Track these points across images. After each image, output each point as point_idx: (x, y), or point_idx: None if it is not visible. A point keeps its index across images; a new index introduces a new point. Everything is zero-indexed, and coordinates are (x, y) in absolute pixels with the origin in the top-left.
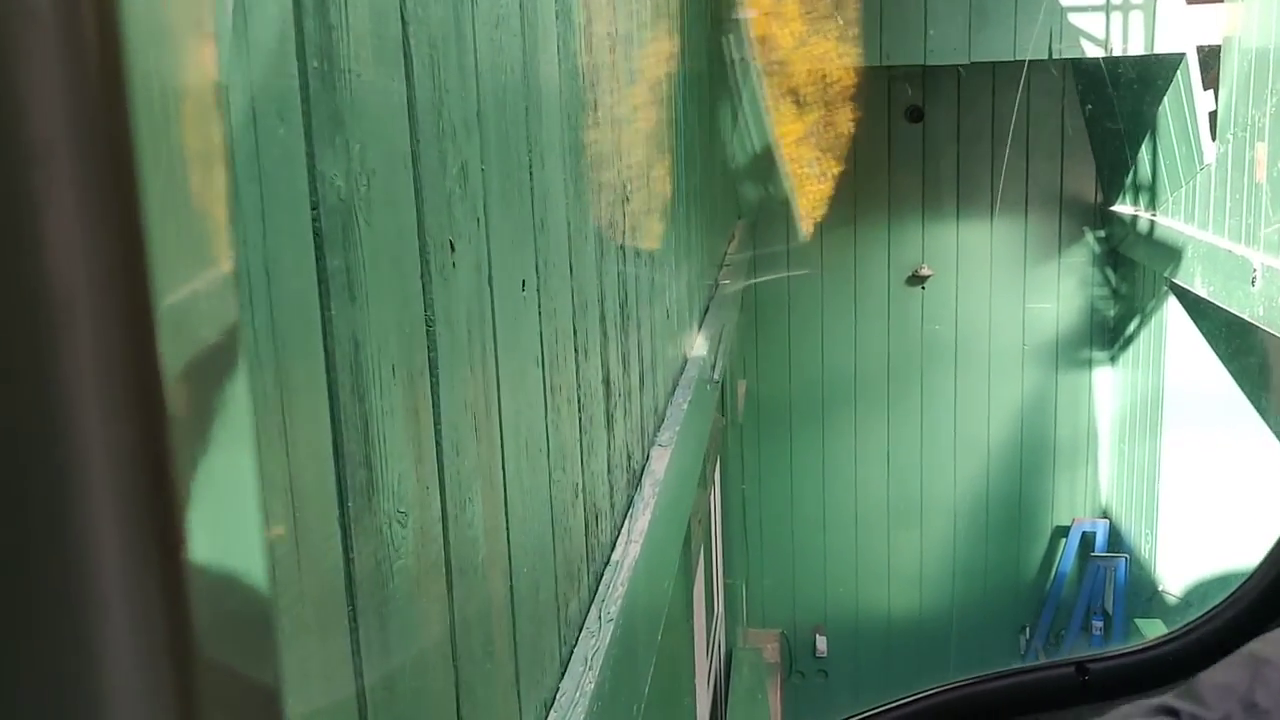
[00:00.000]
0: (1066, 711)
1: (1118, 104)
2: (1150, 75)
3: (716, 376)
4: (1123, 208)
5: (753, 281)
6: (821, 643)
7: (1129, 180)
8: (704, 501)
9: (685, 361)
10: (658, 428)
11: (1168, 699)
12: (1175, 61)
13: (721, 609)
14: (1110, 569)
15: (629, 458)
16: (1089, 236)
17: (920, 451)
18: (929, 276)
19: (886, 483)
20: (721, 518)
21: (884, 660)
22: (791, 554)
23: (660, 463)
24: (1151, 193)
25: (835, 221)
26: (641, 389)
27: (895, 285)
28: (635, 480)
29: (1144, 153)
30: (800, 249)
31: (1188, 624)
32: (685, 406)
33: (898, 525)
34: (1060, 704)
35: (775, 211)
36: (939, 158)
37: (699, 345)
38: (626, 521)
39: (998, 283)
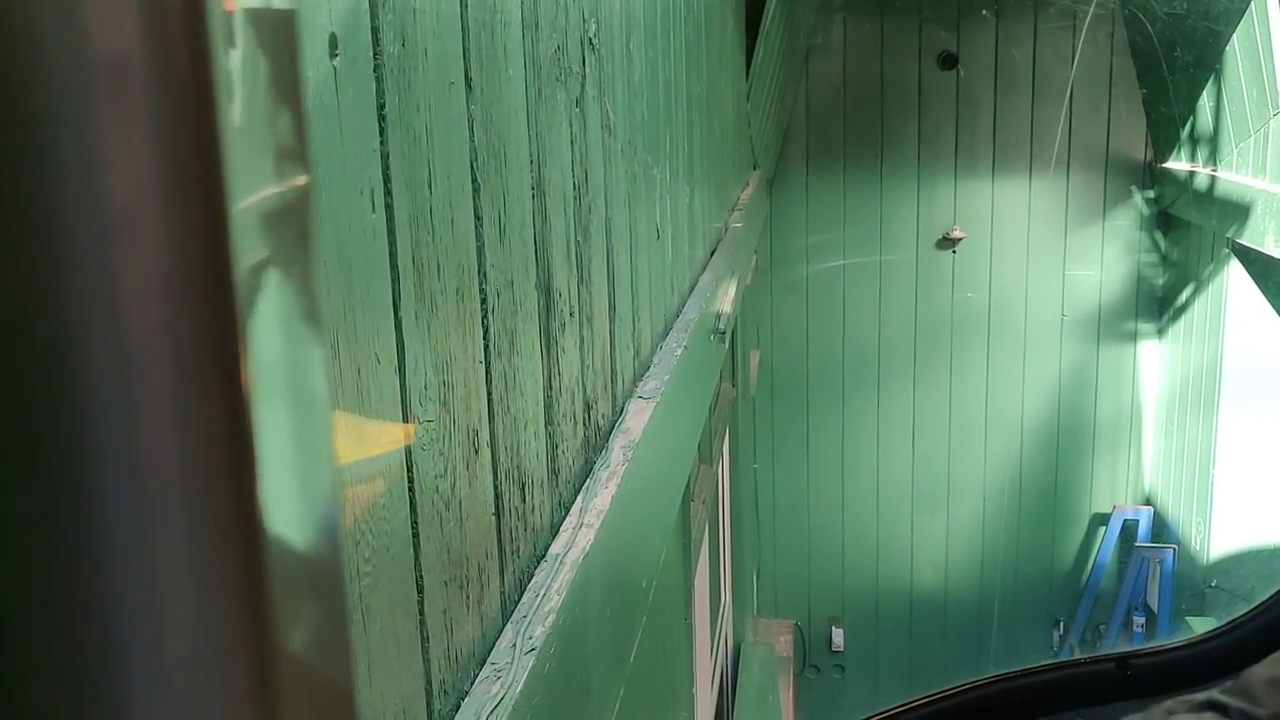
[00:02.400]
0: (1108, 707)
1: (1176, 45)
2: (1217, 8)
3: (723, 327)
4: (1177, 164)
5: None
6: (838, 635)
7: (1185, 132)
8: (709, 478)
9: (683, 302)
10: (639, 375)
11: (1215, 694)
12: None
13: (729, 600)
14: (1156, 561)
15: (587, 406)
16: (1137, 197)
17: (948, 430)
18: (961, 239)
19: (911, 463)
20: (730, 498)
21: (905, 655)
22: (807, 539)
23: (639, 419)
24: (1213, 145)
25: (859, 178)
26: (612, 317)
27: (924, 248)
28: (598, 439)
29: (1205, 100)
30: (819, 206)
31: (1233, 620)
32: (679, 353)
33: (923, 509)
34: (1101, 699)
35: (793, 165)
36: (974, 109)
37: (702, 287)
38: (580, 496)
39: (1036, 247)
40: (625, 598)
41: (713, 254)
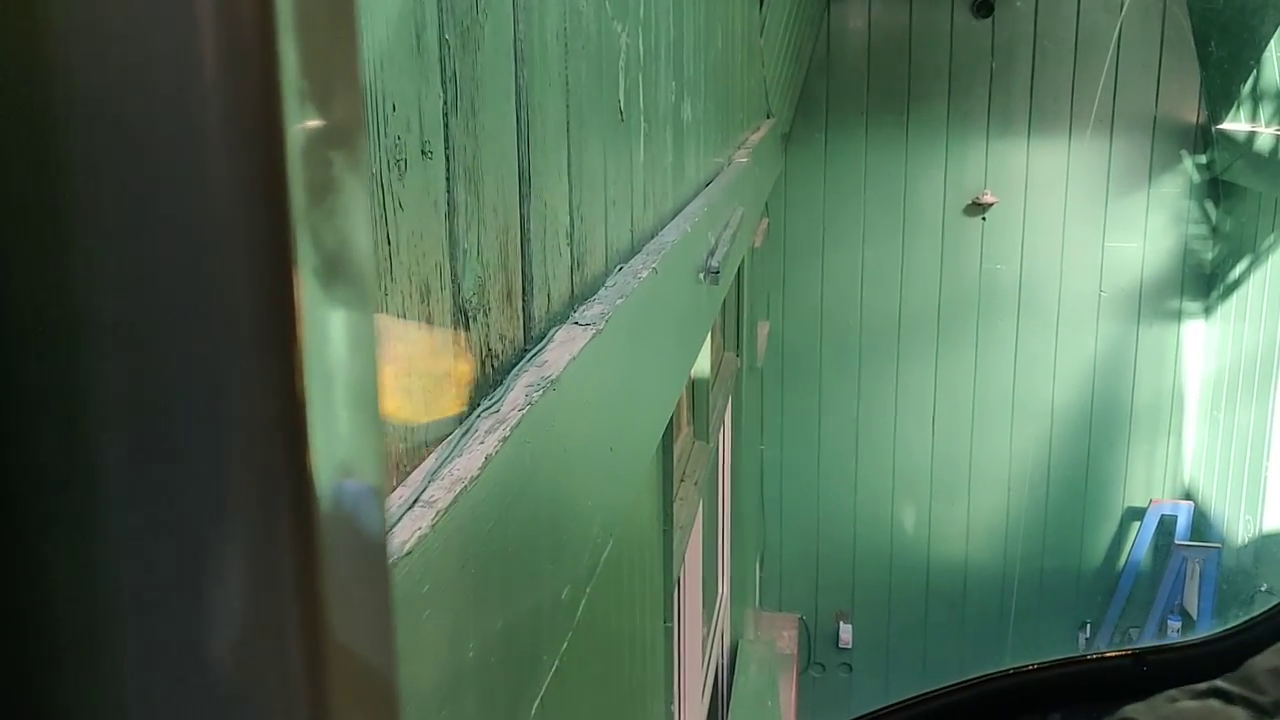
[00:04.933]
0: (1122, 702)
1: None
2: None
3: (716, 265)
4: (1235, 124)
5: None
6: (846, 631)
7: (1246, 89)
8: (706, 456)
9: (662, 223)
10: (579, 297)
11: (1218, 682)
12: None
13: (726, 593)
14: (1196, 561)
15: (463, 315)
16: (1187, 162)
17: (972, 413)
18: (992, 205)
19: (930, 448)
20: (732, 480)
21: (918, 654)
22: (815, 527)
23: (565, 351)
24: (1279, 100)
25: (882, 135)
26: (523, 192)
27: (951, 214)
28: (489, 371)
29: (1271, 51)
30: (838, 164)
31: (1252, 618)
32: (644, 275)
33: (941, 498)
34: (1118, 695)
35: (810, 119)
36: (1010, 62)
37: (690, 212)
38: (433, 455)
39: (1073, 216)
40: (516, 623)
41: (709, 184)
